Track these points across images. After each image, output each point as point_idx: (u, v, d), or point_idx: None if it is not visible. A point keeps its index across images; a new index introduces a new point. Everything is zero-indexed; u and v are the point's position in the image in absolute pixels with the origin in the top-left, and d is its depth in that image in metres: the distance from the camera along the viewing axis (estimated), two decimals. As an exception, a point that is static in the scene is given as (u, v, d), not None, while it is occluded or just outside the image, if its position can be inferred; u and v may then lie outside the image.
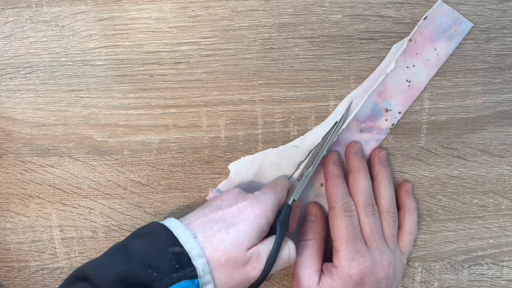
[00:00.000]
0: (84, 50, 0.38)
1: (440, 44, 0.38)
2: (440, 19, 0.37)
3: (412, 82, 0.39)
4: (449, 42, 0.38)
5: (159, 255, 0.31)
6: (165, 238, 0.32)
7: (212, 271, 0.32)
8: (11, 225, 0.42)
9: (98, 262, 0.32)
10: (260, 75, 0.39)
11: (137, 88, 0.39)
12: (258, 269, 0.33)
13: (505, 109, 0.39)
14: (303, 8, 0.37)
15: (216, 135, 0.40)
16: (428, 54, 0.38)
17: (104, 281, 0.30)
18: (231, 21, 0.38)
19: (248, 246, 0.33)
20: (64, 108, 0.40)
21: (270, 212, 0.35)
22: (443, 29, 0.37)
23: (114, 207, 0.42)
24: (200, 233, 0.33)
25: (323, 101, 0.39)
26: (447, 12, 0.37)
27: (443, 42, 0.38)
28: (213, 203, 0.36)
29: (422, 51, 0.38)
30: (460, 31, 0.37)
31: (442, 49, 0.38)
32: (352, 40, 0.38)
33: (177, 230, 0.33)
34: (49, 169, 0.41)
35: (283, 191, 0.38)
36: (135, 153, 0.41)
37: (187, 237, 0.32)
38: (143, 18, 0.38)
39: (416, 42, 0.38)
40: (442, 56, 0.38)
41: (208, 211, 0.35)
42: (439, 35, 0.37)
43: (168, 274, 0.30)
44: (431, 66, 0.38)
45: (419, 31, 0.37)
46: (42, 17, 0.38)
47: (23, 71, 0.39)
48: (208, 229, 0.33)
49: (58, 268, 0.43)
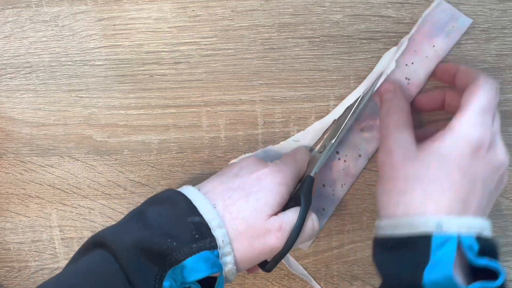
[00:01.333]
0: (84, 50, 0.38)
1: (438, 41, 0.37)
2: (438, 15, 0.37)
3: (411, 80, 0.38)
4: (448, 38, 0.37)
5: (178, 224, 0.31)
6: (184, 206, 0.32)
7: (232, 242, 0.31)
8: (11, 225, 0.42)
9: (116, 229, 0.31)
10: (260, 75, 0.39)
11: (137, 88, 0.39)
12: (281, 239, 0.32)
13: (506, 109, 0.39)
14: (303, 8, 0.37)
15: (216, 135, 0.40)
16: (426, 51, 0.38)
17: (123, 247, 0.29)
18: (231, 21, 0.38)
19: (269, 214, 0.32)
20: (64, 108, 0.40)
21: (290, 180, 0.34)
22: (440, 25, 0.37)
23: (114, 207, 0.42)
24: (219, 202, 0.32)
25: (323, 101, 0.39)
26: (445, 9, 0.37)
27: (441, 38, 0.37)
28: (230, 171, 0.35)
29: (420, 48, 0.38)
30: (458, 26, 0.37)
31: (440, 45, 0.37)
32: (352, 40, 0.38)
33: (196, 199, 0.32)
34: (49, 169, 0.41)
35: (303, 161, 0.37)
36: (135, 153, 0.41)
37: (207, 206, 0.32)
38: (143, 18, 0.38)
39: (415, 40, 0.37)
40: (440, 52, 0.37)
41: (226, 178, 0.34)
42: (437, 31, 0.37)
43: (188, 244, 0.30)
44: (430, 63, 0.38)
45: (418, 28, 0.37)
46: (42, 17, 0.38)
47: (23, 71, 0.39)
48: (227, 198, 0.32)
49: (58, 268, 0.43)
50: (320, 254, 0.43)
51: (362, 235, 0.42)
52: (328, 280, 0.43)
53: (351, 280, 0.43)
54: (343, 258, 0.43)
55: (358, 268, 0.43)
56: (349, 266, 0.43)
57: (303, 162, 0.37)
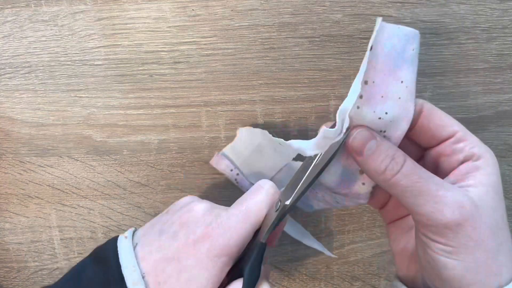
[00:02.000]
0: (83, 50, 0.38)
1: (404, 72, 0.28)
2: (390, 43, 0.28)
3: (388, 132, 0.29)
4: (412, 64, 0.28)
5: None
6: (116, 275, 0.29)
7: None
8: (10, 225, 0.42)
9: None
10: (260, 74, 0.39)
11: (136, 88, 0.39)
12: None
13: (506, 109, 0.39)
14: (303, 7, 0.37)
15: (216, 135, 0.40)
16: (396, 90, 0.28)
17: None
18: (231, 21, 0.38)
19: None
20: (63, 108, 0.40)
21: (235, 247, 0.29)
22: (398, 54, 0.28)
23: (113, 208, 0.42)
24: (151, 276, 0.29)
25: (323, 101, 0.39)
26: (393, 32, 0.28)
27: (406, 68, 0.28)
28: (171, 226, 0.31)
29: (387, 90, 0.28)
30: (416, 47, 0.28)
31: (408, 76, 0.28)
32: (353, 40, 0.38)
33: (127, 266, 0.29)
34: (48, 169, 0.41)
35: (259, 216, 0.31)
36: (134, 153, 0.40)
37: (135, 279, 0.29)
38: (142, 18, 0.38)
39: (375, 83, 0.28)
40: (411, 84, 0.28)
41: (164, 239, 0.30)
42: (397, 61, 0.28)
43: None
44: (406, 102, 0.29)
45: (370, 67, 0.28)
46: (41, 16, 0.38)
47: (22, 70, 0.39)
48: (160, 272, 0.29)
49: (57, 268, 0.43)
50: (320, 255, 0.43)
51: (363, 235, 0.42)
52: (328, 280, 0.43)
53: (351, 280, 0.43)
54: (343, 259, 0.43)
55: (359, 268, 0.43)
56: (349, 267, 0.43)
57: (259, 216, 0.31)
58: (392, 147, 0.28)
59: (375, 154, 0.28)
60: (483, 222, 0.27)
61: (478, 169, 0.28)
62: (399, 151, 0.28)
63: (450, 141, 0.29)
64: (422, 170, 0.28)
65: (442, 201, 0.26)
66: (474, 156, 0.29)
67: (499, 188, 0.28)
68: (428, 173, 0.28)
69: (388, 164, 0.28)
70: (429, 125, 0.29)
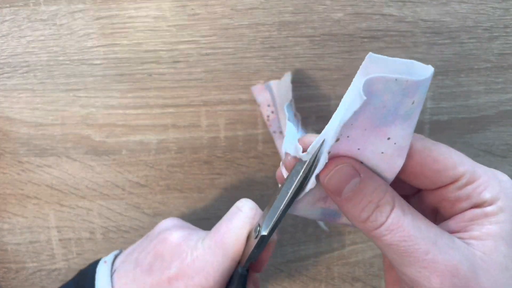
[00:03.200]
0: (82, 49, 0.38)
1: (394, 128, 0.22)
2: (378, 100, 0.20)
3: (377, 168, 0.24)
4: (408, 119, 0.22)
5: None
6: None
7: None
8: (9, 226, 0.42)
9: None
10: (260, 74, 0.38)
11: (135, 87, 0.39)
12: None
13: (508, 108, 0.39)
14: (303, 6, 0.37)
15: (216, 135, 0.40)
16: (378, 147, 0.22)
17: None
18: (230, 20, 0.37)
19: None
20: (61, 108, 0.39)
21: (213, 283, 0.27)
22: (388, 111, 0.21)
23: (112, 208, 0.41)
24: None
25: (324, 100, 0.39)
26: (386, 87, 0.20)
27: (398, 124, 0.22)
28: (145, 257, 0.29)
29: (365, 145, 0.22)
30: (420, 96, 0.21)
31: (400, 133, 0.22)
32: (354, 39, 0.37)
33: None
34: (47, 169, 0.41)
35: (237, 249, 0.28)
36: (133, 153, 0.40)
37: None
38: (141, 17, 0.37)
39: (350, 137, 0.22)
40: (402, 140, 0.22)
41: (140, 271, 0.29)
42: (386, 118, 0.21)
43: None
44: (391, 158, 0.23)
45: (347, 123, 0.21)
46: (40, 15, 0.38)
47: (20, 70, 0.39)
48: None
49: (56, 269, 0.43)
50: (321, 256, 0.42)
51: (363, 236, 0.42)
52: (329, 281, 0.43)
53: (352, 281, 0.43)
54: (344, 260, 0.42)
55: (359, 269, 0.43)
56: (350, 268, 0.43)
57: (237, 246, 0.28)
58: (378, 189, 0.23)
59: (356, 198, 0.23)
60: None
61: (487, 216, 0.23)
62: (387, 193, 0.23)
63: (454, 186, 0.23)
64: (412, 223, 0.22)
65: (431, 267, 0.21)
66: (485, 203, 0.23)
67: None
68: (419, 223, 0.22)
69: (370, 213, 0.22)
70: (422, 171, 0.23)
